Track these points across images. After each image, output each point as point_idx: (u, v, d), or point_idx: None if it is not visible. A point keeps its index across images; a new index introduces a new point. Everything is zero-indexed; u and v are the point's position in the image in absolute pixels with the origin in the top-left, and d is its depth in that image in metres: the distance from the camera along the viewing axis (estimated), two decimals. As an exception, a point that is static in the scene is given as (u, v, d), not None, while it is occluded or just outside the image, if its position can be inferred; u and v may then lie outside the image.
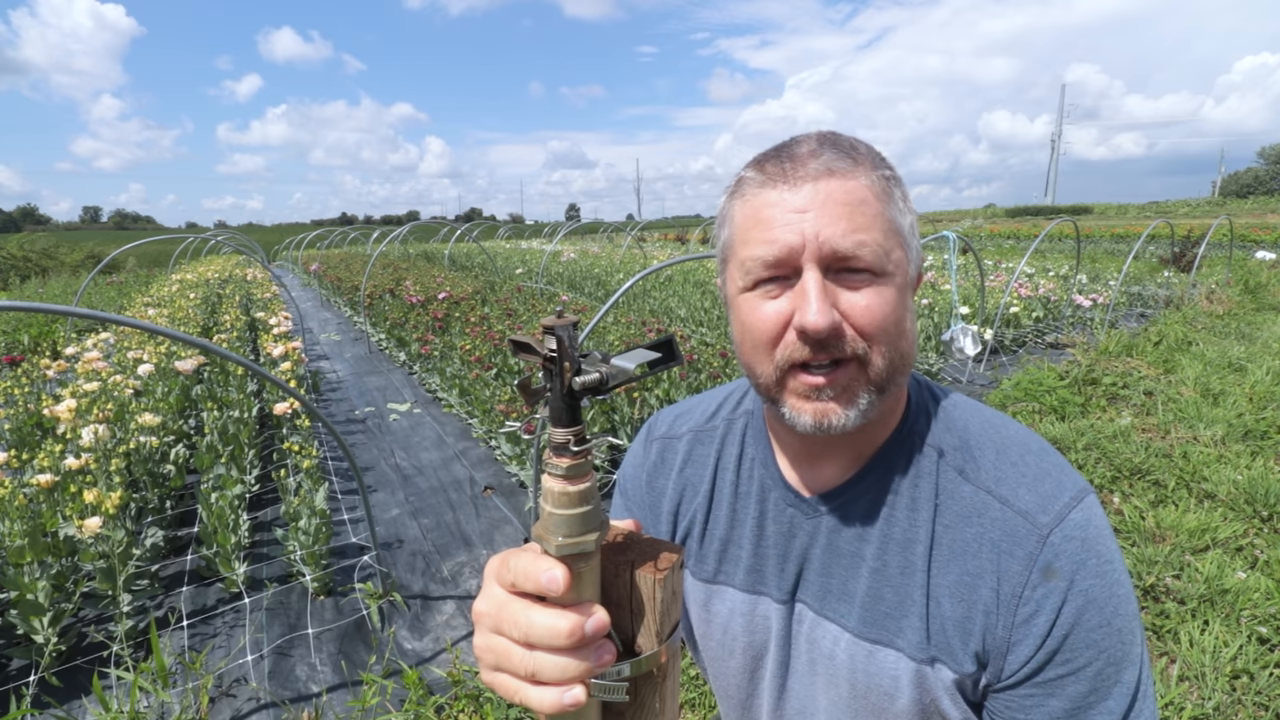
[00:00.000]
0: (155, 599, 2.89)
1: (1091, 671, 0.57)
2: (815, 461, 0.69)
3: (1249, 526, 3.13)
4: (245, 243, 17.53)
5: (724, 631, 0.75)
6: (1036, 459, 0.64)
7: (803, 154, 0.59)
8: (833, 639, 0.68)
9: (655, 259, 16.49)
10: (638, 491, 0.84)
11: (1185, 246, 13.26)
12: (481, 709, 2.17)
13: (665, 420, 0.86)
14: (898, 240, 0.60)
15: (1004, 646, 0.59)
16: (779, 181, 0.59)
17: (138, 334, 5.48)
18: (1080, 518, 0.60)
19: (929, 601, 0.63)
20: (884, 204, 0.59)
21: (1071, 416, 4.68)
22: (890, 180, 0.60)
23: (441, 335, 6.41)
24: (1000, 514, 0.61)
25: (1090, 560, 0.58)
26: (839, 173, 0.57)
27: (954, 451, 0.65)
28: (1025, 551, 0.59)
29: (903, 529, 0.65)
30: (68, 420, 3.10)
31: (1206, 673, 2.26)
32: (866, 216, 0.57)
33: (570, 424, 0.40)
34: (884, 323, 0.58)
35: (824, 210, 0.57)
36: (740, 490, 0.75)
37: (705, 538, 0.77)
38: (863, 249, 0.56)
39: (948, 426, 0.67)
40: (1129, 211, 53.07)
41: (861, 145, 0.61)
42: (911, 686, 0.63)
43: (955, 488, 0.64)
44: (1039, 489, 0.61)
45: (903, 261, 0.60)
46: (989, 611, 0.60)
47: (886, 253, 0.58)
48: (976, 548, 0.61)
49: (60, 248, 23.75)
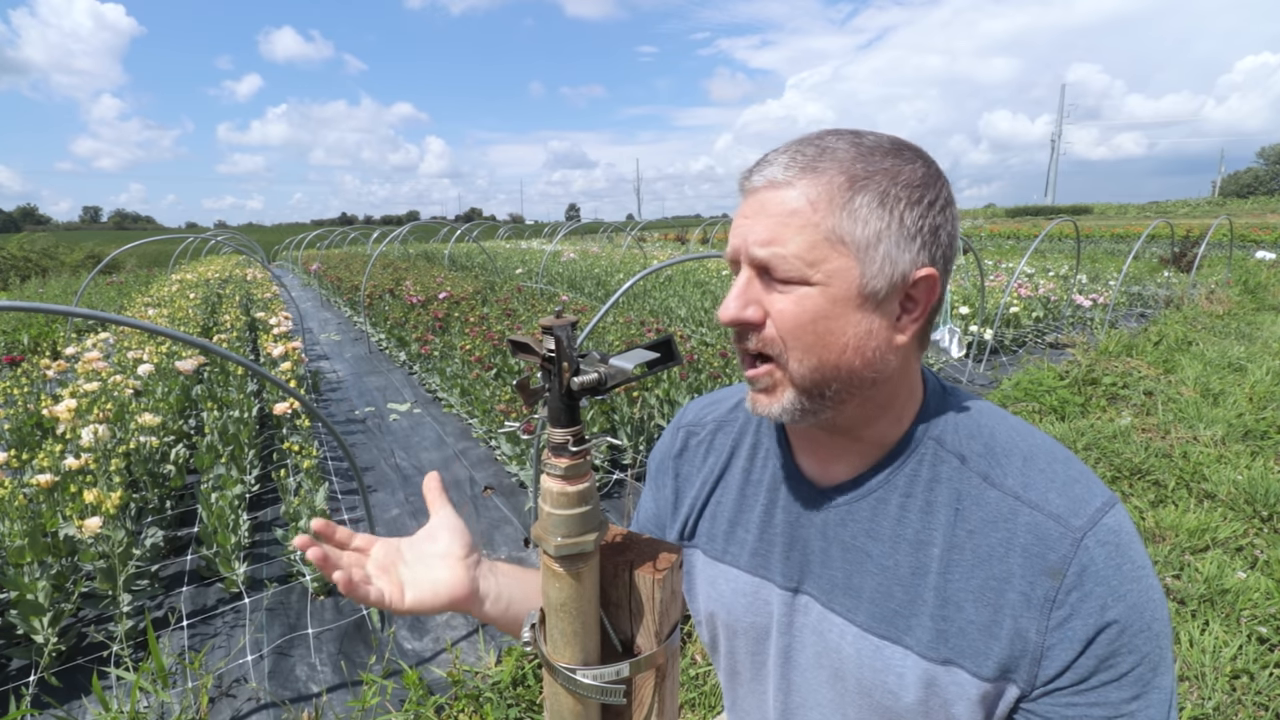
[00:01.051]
0: (155, 599, 2.89)
1: (1133, 677, 0.57)
2: (826, 457, 0.71)
3: (1249, 526, 3.13)
4: (245, 243, 17.53)
5: (729, 611, 0.77)
6: (1064, 466, 0.64)
7: (763, 162, 0.63)
8: (839, 632, 0.69)
9: (655, 259, 16.49)
10: (665, 476, 0.87)
11: (1185, 246, 13.26)
12: (481, 709, 2.17)
13: (694, 409, 0.89)
14: (838, 249, 0.58)
15: (1038, 652, 0.59)
16: (744, 188, 0.64)
17: (138, 334, 5.48)
18: (1114, 523, 0.60)
19: (945, 605, 0.63)
20: (825, 213, 0.58)
21: (1071, 416, 4.68)
22: (857, 183, 0.58)
23: (441, 335, 6.41)
24: (1030, 518, 0.60)
25: (1125, 565, 0.58)
26: (777, 183, 0.60)
27: (978, 458, 0.65)
28: (1059, 554, 0.58)
29: (915, 530, 0.65)
30: (67, 420, 3.10)
31: (1206, 673, 2.26)
32: (790, 228, 0.59)
33: (569, 424, 0.40)
34: (797, 330, 0.60)
35: (756, 219, 0.61)
36: (752, 477, 0.78)
37: (716, 517, 0.80)
38: (775, 259, 0.59)
39: (972, 433, 0.67)
40: (1129, 211, 53.08)
41: (842, 148, 0.60)
42: (918, 686, 0.63)
43: (980, 494, 0.63)
44: (1070, 494, 0.61)
45: (845, 271, 0.58)
46: (1018, 615, 0.59)
47: (810, 263, 0.58)
48: (1004, 552, 0.61)
49: (60, 248, 23.75)
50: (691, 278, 10.99)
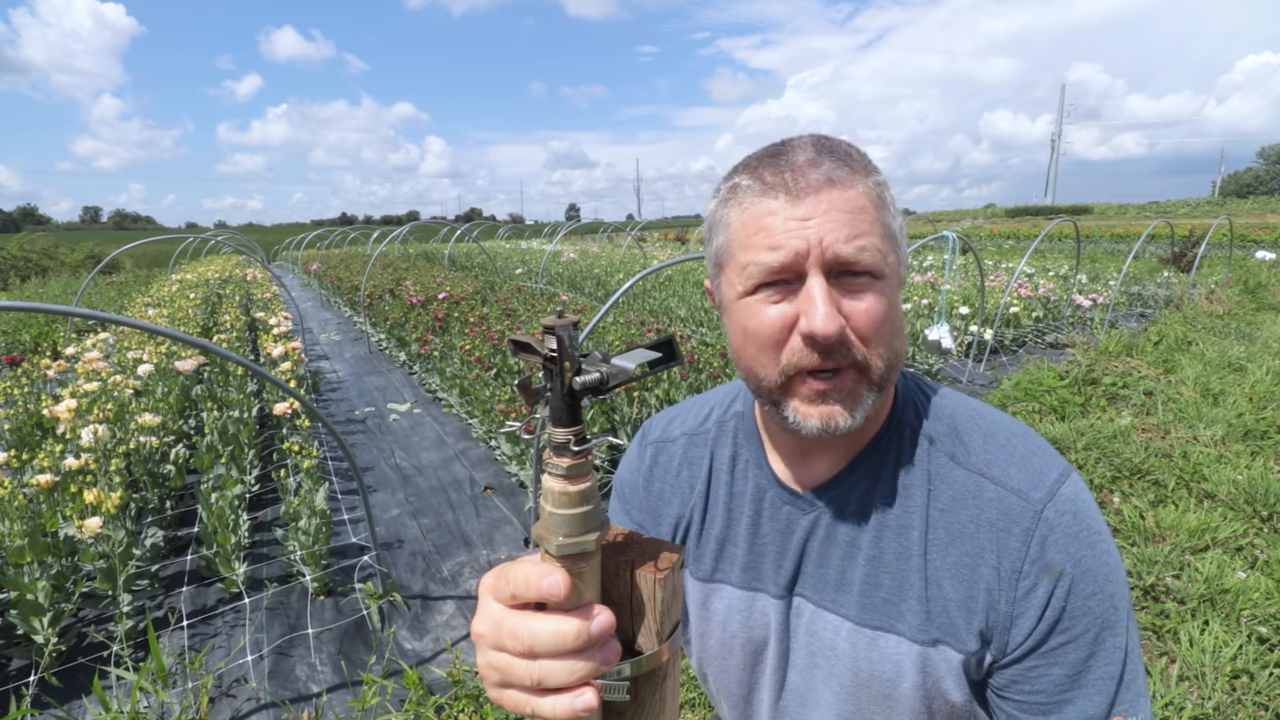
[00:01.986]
0: (155, 599, 2.89)
1: (1089, 637, 0.60)
2: (807, 458, 0.72)
3: (1249, 526, 3.13)
4: (245, 243, 17.53)
5: (723, 629, 0.76)
6: (1022, 441, 0.67)
7: (802, 163, 0.60)
8: (833, 629, 0.69)
9: (655, 259, 16.49)
10: (635, 495, 0.85)
11: (1185, 246, 13.26)
12: (482, 709, 2.17)
13: (659, 424, 0.88)
14: (892, 244, 0.62)
15: (1007, 621, 0.62)
16: (780, 191, 0.60)
17: (138, 334, 5.48)
18: (1070, 492, 0.63)
19: (928, 585, 0.65)
20: (879, 210, 0.61)
21: (1071, 416, 4.68)
22: (882, 186, 0.63)
23: (441, 335, 6.41)
24: (995, 494, 0.64)
25: (1082, 532, 0.62)
26: (839, 182, 0.60)
27: (944, 438, 0.68)
28: (1022, 528, 0.62)
29: (896, 515, 0.67)
30: (67, 420, 3.10)
31: (1206, 673, 2.26)
32: (866, 223, 0.60)
33: (570, 424, 0.40)
34: (881, 325, 0.60)
35: (828, 218, 0.59)
36: (735, 490, 0.77)
37: (702, 537, 0.78)
38: (864, 253, 0.59)
39: (936, 416, 0.70)
40: (1129, 211, 53.09)
41: (854, 151, 0.63)
42: (914, 670, 0.65)
43: (947, 473, 0.66)
44: (1028, 468, 0.64)
45: (896, 264, 0.63)
46: (991, 589, 0.62)
47: (884, 256, 0.60)
48: (974, 529, 0.64)
49: (60, 248, 23.75)
50: (691, 278, 10.99)
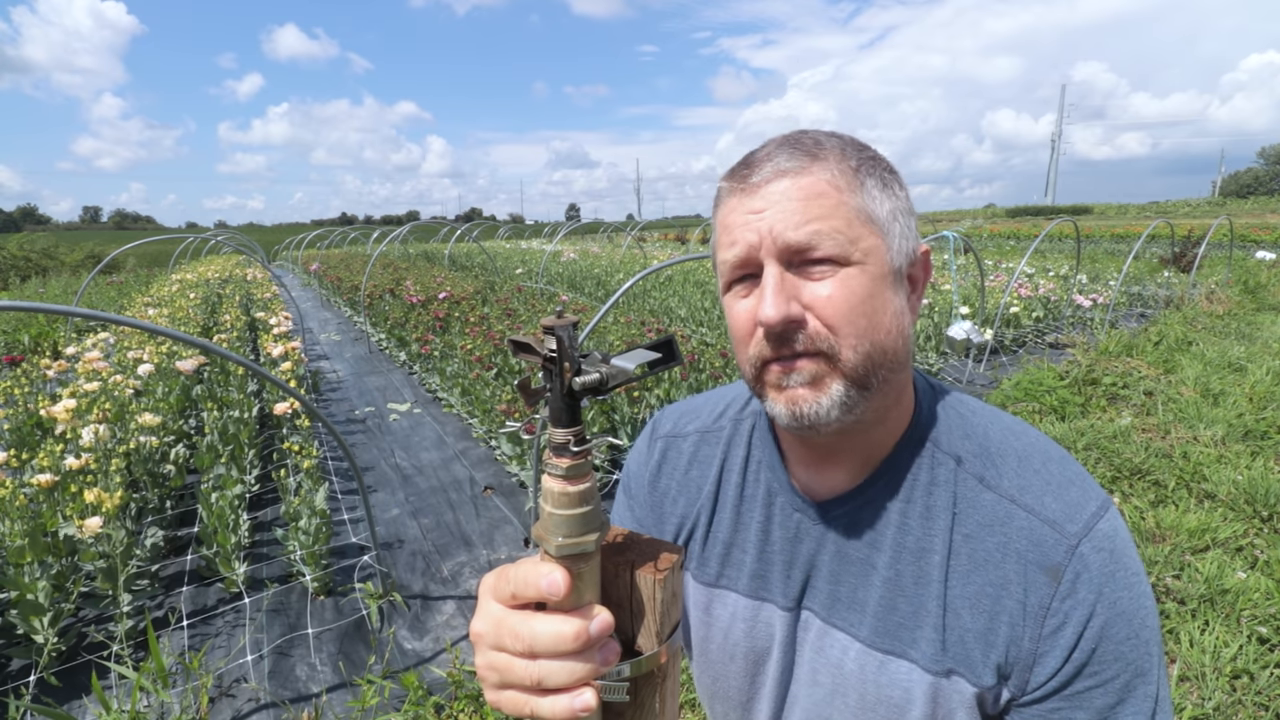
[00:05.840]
0: (155, 599, 2.89)
1: (1119, 684, 0.56)
2: (822, 466, 0.68)
3: (1249, 526, 3.13)
4: (245, 243, 17.53)
5: (725, 636, 0.74)
6: (1059, 467, 0.62)
7: (759, 158, 0.60)
8: (841, 648, 0.66)
9: (655, 259, 16.49)
10: (641, 491, 0.82)
11: (1185, 246, 13.25)
12: (481, 709, 2.17)
13: (670, 418, 0.84)
14: (869, 228, 0.58)
15: (1030, 659, 0.58)
16: (739, 188, 0.60)
17: (138, 334, 5.48)
18: (1108, 528, 0.59)
19: (946, 613, 0.61)
20: (848, 193, 0.58)
21: (1071, 416, 4.68)
22: (861, 169, 0.59)
23: (441, 335, 6.41)
24: (1026, 523, 0.59)
25: (1119, 572, 0.57)
26: (791, 171, 0.58)
27: (973, 459, 0.63)
28: (1053, 561, 0.58)
29: (916, 538, 0.63)
30: (67, 420, 3.10)
31: (1206, 673, 2.26)
32: (823, 207, 0.57)
33: (570, 424, 0.40)
34: (849, 313, 0.56)
35: (779, 207, 0.57)
36: (746, 494, 0.73)
37: (708, 540, 0.75)
38: (818, 237, 0.56)
39: (966, 433, 0.65)
40: (1129, 211, 53.08)
41: (829, 140, 0.61)
42: (925, 700, 0.61)
43: (976, 496, 0.62)
44: (1065, 497, 0.60)
45: (877, 249, 0.58)
46: (1014, 623, 0.58)
47: (850, 240, 0.57)
48: (1000, 558, 0.60)
49: (60, 248, 23.76)
50: (691, 278, 11.00)
